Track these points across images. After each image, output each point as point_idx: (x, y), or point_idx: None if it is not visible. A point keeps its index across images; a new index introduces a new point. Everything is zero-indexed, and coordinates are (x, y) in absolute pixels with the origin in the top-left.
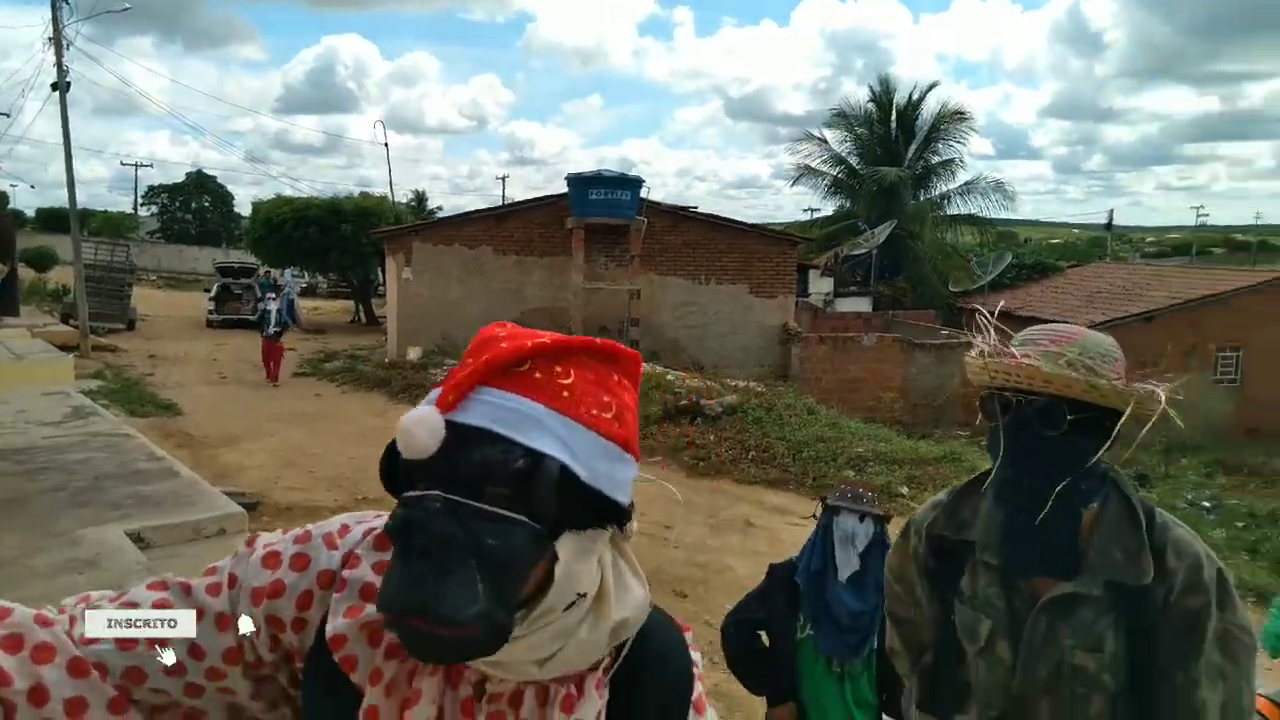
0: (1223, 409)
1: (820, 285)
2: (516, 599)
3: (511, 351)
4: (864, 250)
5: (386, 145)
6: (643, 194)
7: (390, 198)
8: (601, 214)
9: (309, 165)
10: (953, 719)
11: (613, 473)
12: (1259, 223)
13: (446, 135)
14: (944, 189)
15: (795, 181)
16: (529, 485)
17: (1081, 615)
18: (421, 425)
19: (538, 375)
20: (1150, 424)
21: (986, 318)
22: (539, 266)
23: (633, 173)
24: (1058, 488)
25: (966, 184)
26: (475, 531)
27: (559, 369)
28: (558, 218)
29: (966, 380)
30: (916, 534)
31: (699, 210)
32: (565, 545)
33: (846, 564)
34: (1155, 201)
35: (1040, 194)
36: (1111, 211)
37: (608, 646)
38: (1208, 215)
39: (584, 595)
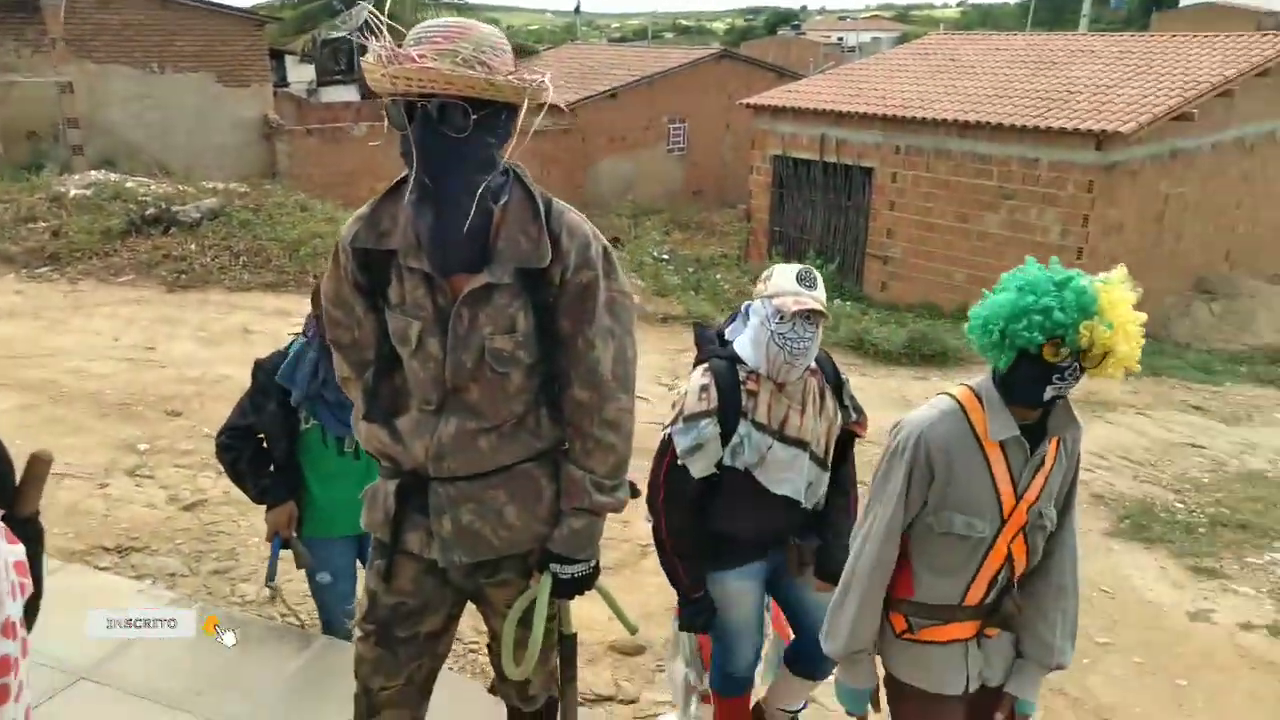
0: (675, 175)
1: (301, 73)
2: None
3: None
4: (343, 33)
5: None
6: None
7: None
8: None
9: None
10: (393, 421)
11: None
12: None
13: None
14: None
15: None
16: None
17: (496, 302)
18: None
19: None
20: (544, 112)
21: (378, 17)
22: None
23: None
24: (477, 190)
25: None
26: None
27: None
28: None
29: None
30: (344, 252)
31: None
32: None
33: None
34: None
35: None
36: None
37: None
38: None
39: None
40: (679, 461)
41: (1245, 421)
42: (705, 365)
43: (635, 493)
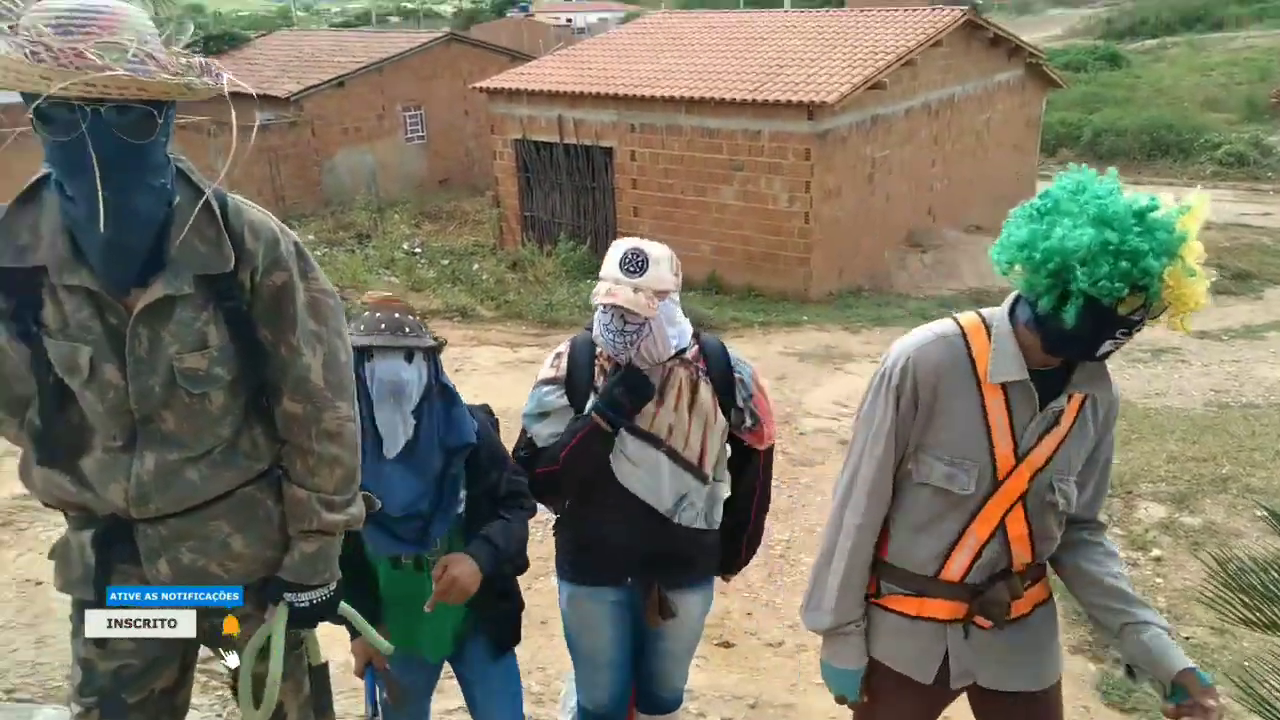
0: (418, 165)
1: None
2: None
3: None
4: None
5: None
6: None
7: None
8: None
9: None
10: (79, 464)
11: None
12: None
13: None
14: None
15: None
16: None
17: (180, 316)
18: None
19: None
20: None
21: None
22: None
23: None
24: (159, 196)
25: None
26: None
27: None
28: None
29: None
30: None
31: None
32: None
33: (396, 432)
34: None
35: None
36: None
37: None
38: None
39: None
40: (526, 431)
41: None
42: (570, 338)
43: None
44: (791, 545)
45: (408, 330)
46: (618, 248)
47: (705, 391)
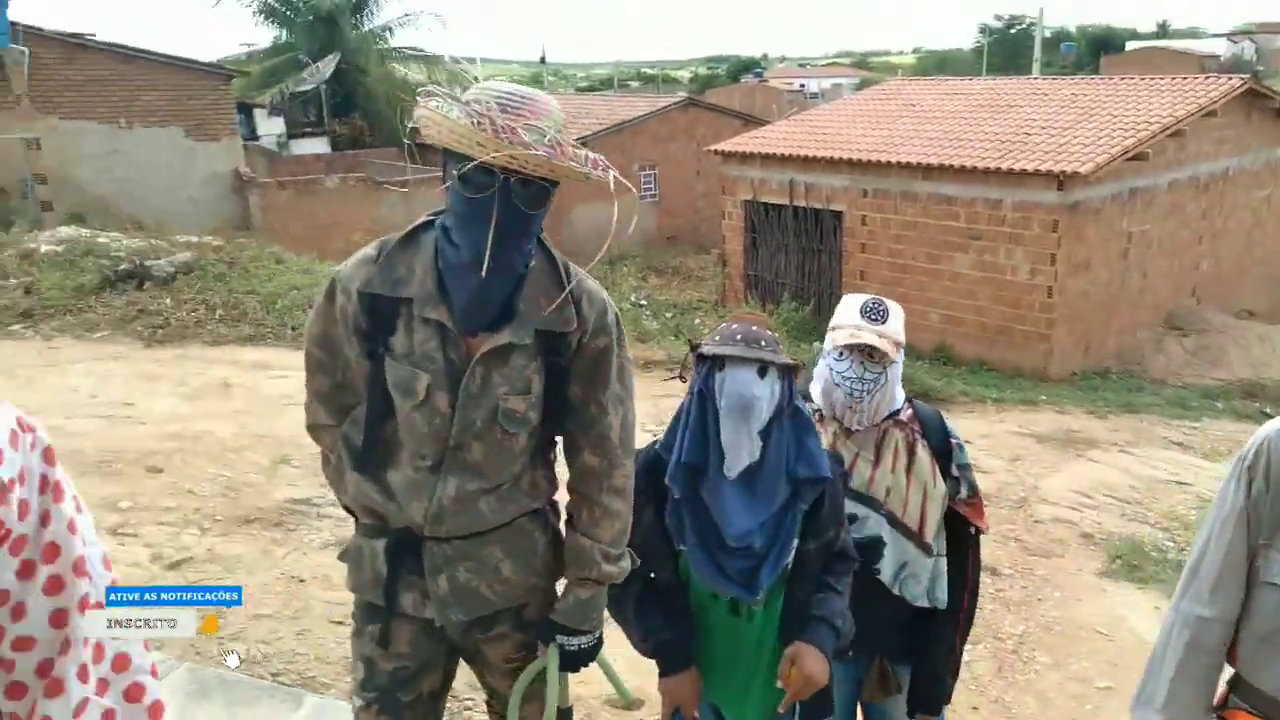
0: (648, 222)
1: (270, 126)
2: None
3: None
4: (311, 87)
5: None
6: (10, 16)
7: None
8: None
9: None
10: (387, 476)
11: None
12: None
13: None
14: (385, 19)
15: (217, 2)
16: None
17: (514, 363)
18: None
19: None
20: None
21: (444, 83)
22: None
23: None
24: (528, 258)
25: (406, 15)
26: None
27: None
28: None
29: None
30: (346, 294)
31: (98, 39)
32: None
33: (740, 449)
34: (582, 40)
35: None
36: (544, 47)
37: None
38: (621, 52)
39: None
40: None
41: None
42: None
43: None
44: (1025, 641)
45: (763, 344)
46: (854, 299)
47: (923, 454)
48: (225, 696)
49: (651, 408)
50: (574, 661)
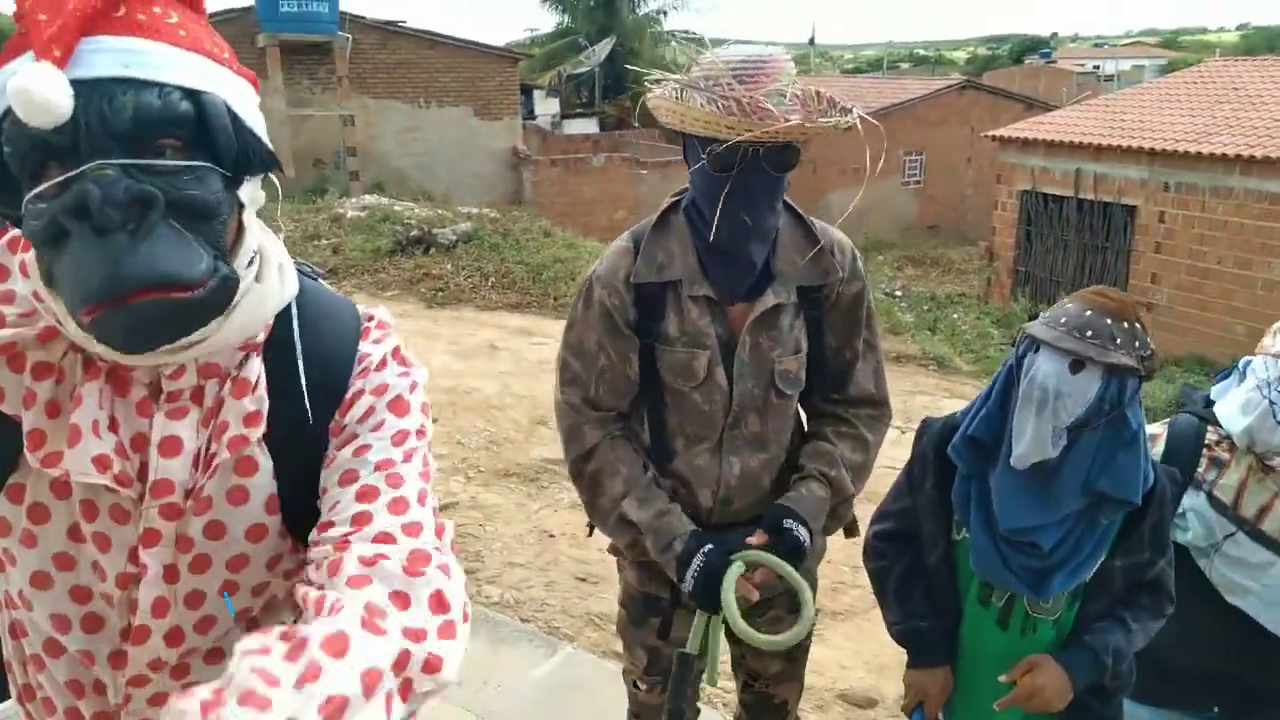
0: (909, 209)
1: (547, 106)
2: (226, 253)
3: None
4: (586, 69)
5: None
6: (342, 5)
7: None
8: (296, 30)
9: None
10: (672, 466)
11: (257, 113)
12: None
13: None
14: (660, 3)
15: None
16: (203, 127)
17: (781, 324)
18: (45, 83)
19: (141, 17)
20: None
21: (693, 66)
22: None
23: None
24: (778, 219)
25: None
26: (169, 188)
27: (158, 9)
28: (247, 34)
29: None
30: (607, 287)
31: (408, 25)
32: (245, 192)
33: (1032, 441)
34: (852, 20)
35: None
36: (814, 27)
37: (270, 315)
38: (893, 32)
39: (256, 254)
40: None
41: None
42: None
43: (855, 531)
44: None
45: (1091, 335)
46: None
47: None
48: (490, 633)
49: (900, 404)
50: (799, 552)
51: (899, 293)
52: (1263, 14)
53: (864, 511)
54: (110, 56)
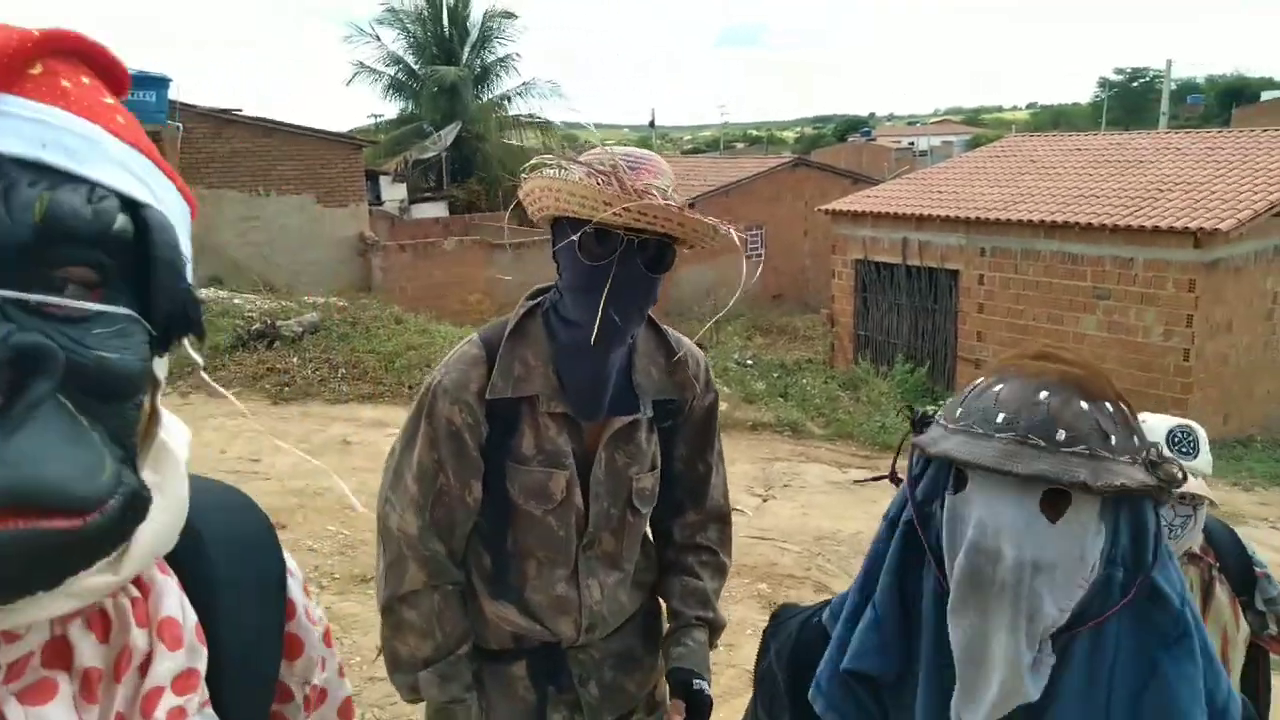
0: (755, 282)
1: (394, 192)
2: (135, 454)
3: (18, 41)
4: (433, 154)
5: None
6: (171, 94)
7: None
8: None
9: None
10: (525, 596)
11: (188, 244)
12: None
13: None
14: (504, 89)
15: (350, 81)
16: (138, 258)
17: (638, 440)
18: None
19: (66, 84)
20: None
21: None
22: None
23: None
24: (639, 327)
25: (524, 84)
26: (73, 345)
27: (87, 80)
28: None
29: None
30: (458, 403)
31: (244, 113)
32: (161, 363)
33: (990, 672)
34: (688, 103)
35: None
36: (653, 111)
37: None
38: (727, 114)
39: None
40: None
41: None
42: None
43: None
44: None
45: (1060, 440)
46: (1153, 421)
47: (1222, 594)
48: None
49: (759, 470)
50: (705, 710)
51: (750, 361)
52: (1047, 94)
53: None
54: (18, 125)
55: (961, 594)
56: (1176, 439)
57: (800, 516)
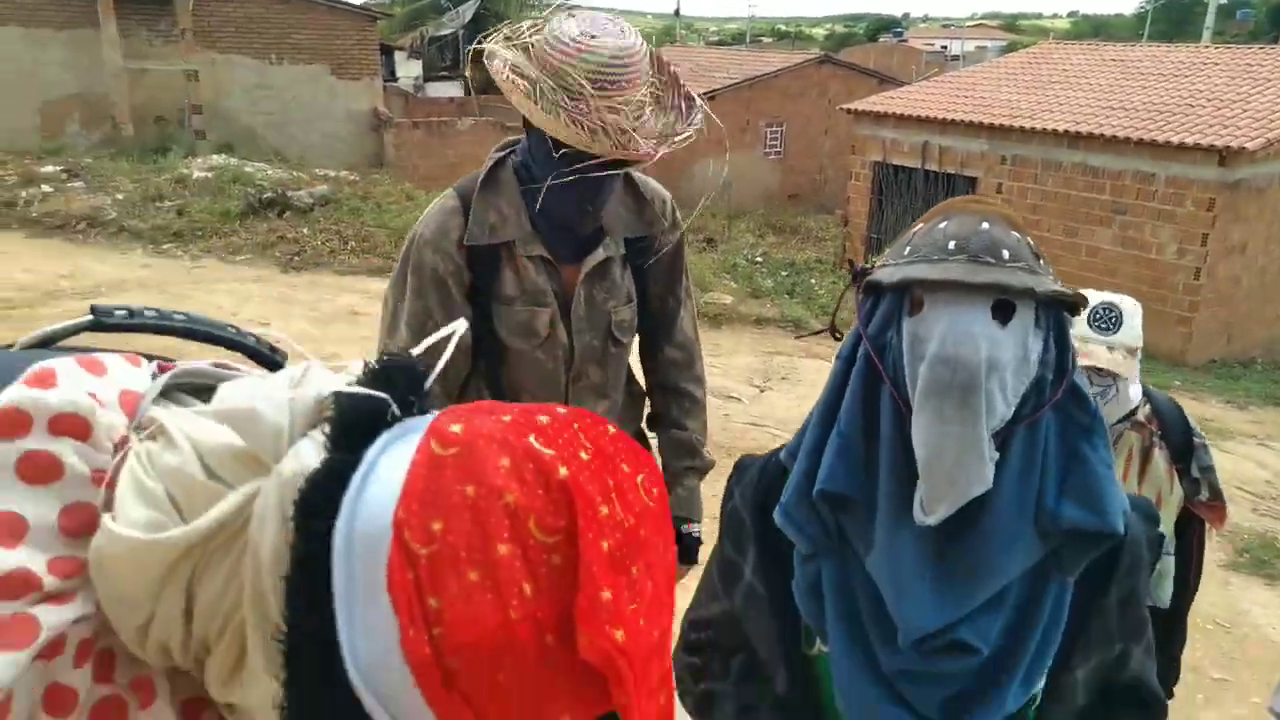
0: (770, 179)
1: (409, 69)
2: None
3: None
4: (450, 31)
5: None
6: None
7: None
8: None
9: None
10: None
11: None
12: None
13: None
14: None
15: None
16: None
17: (612, 275)
18: None
19: None
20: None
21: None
22: (57, 42)
23: None
24: (606, 200)
25: None
26: None
27: None
28: None
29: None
30: (440, 253)
31: None
32: None
33: (957, 467)
34: None
35: None
36: (679, 1)
37: None
38: (756, 6)
39: None
40: None
41: None
42: None
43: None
44: None
45: (1006, 257)
46: (1092, 298)
47: (1160, 458)
48: None
49: (760, 364)
50: (693, 553)
51: (760, 259)
52: (1090, 3)
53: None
54: None
55: (928, 402)
56: (1098, 314)
57: (795, 407)
